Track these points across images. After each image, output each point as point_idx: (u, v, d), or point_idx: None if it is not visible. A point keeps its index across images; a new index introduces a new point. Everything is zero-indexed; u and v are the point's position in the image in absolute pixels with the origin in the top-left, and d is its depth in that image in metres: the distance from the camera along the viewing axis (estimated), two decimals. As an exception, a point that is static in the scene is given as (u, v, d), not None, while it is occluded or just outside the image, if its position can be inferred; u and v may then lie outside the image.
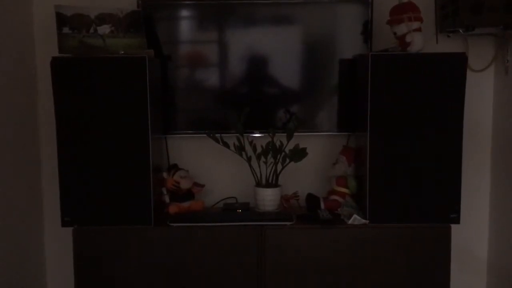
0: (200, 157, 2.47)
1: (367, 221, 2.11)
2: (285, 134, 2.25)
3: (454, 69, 2.04)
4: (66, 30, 2.10)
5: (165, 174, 2.28)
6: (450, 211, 2.10)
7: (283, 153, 2.24)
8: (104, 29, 2.12)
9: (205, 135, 2.27)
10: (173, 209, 2.25)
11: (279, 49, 2.38)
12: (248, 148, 2.26)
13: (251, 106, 2.30)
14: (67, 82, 2.04)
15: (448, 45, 2.33)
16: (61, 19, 2.10)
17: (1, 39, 2.18)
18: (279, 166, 2.27)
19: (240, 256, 2.13)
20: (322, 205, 2.30)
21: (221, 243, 2.13)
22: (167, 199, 2.28)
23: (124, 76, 2.04)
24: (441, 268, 2.13)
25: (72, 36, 2.11)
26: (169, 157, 2.46)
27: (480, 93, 2.44)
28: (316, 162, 2.45)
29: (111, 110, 2.05)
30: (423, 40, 2.09)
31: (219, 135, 2.26)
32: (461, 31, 2.22)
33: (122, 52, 2.12)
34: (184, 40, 2.43)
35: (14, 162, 2.26)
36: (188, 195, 2.30)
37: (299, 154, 2.21)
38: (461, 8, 2.19)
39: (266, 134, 2.29)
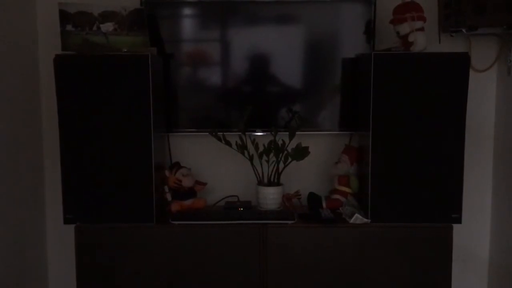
0: (202, 155, 2.47)
1: (369, 221, 2.12)
2: (287, 133, 2.26)
3: (456, 69, 2.04)
4: (69, 27, 2.10)
5: (167, 172, 2.28)
6: (452, 211, 2.10)
7: (285, 152, 2.24)
8: (108, 27, 2.12)
9: (207, 133, 2.28)
10: (175, 207, 2.25)
11: (282, 48, 2.38)
12: (250, 146, 2.27)
13: (253, 104, 2.31)
14: (70, 80, 2.05)
15: (451, 45, 2.33)
16: (65, 17, 2.10)
17: (4, 36, 2.18)
18: (281, 165, 2.27)
19: (242, 255, 2.13)
20: (324, 204, 2.30)
21: (223, 241, 2.13)
22: (169, 197, 2.28)
23: (127, 74, 2.05)
24: (443, 268, 2.13)
25: (75, 34, 2.11)
26: (171, 155, 2.46)
27: (483, 93, 2.44)
28: (318, 161, 2.45)
29: (114, 108, 2.06)
30: (426, 39, 2.09)
31: (221, 133, 2.26)
32: (464, 31, 2.23)
33: (125, 50, 2.13)
34: (187, 38, 2.43)
35: (16, 159, 2.27)
36: (190, 193, 2.30)
37: (301, 153, 2.21)
38: (464, 8, 2.20)
39: (268, 133, 2.30)
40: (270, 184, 2.30)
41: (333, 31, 2.39)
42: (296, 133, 2.25)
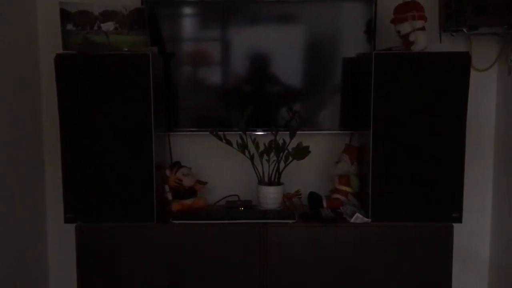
0: (203, 154, 2.47)
1: (369, 220, 2.12)
2: (288, 132, 2.26)
3: (457, 68, 2.04)
4: (70, 26, 2.10)
5: (167, 172, 2.29)
6: (453, 210, 2.10)
7: (285, 151, 2.24)
8: (108, 26, 2.12)
9: (208, 132, 2.28)
10: (175, 206, 2.25)
11: (282, 47, 2.38)
12: (251, 146, 2.27)
13: (254, 104, 2.31)
14: (71, 79, 2.05)
15: (451, 45, 2.33)
16: (65, 16, 2.10)
17: (5, 35, 2.18)
18: (282, 164, 2.27)
19: (242, 254, 2.13)
20: (325, 204, 2.30)
21: (223, 240, 2.13)
22: (169, 196, 2.29)
23: (128, 74, 2.05)
24: (443, 267, 2.13)
25: (76, 33, 2.11)
26: (172, 154, 2.46)
27: (483, 92, 2.45)
28: (319, 160, 2.46)
29: (115, 107, 2.06)
30: (427, 39, 2.09)
31: (222, 133, 2.26)
32: (464, 30, 2.23)
33: (126, 50, 2.13)
34: (188, 37, 2.43)
35: (17, 158, 2.27)
36: (191, 192, 2.30)
37: (302, 152, 2.21)
38: (465, 7, 2.20)
39: (269, 132, 2.30)
40: (270, 183, 2.30)
41: (333, 31, 2.39)
42: (297, 132, 2.25)
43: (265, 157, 2.26)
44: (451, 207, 2.10)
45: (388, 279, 2.14)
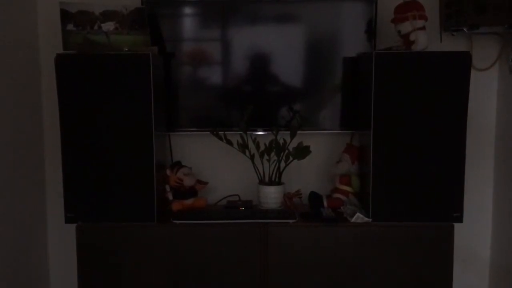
0: (204, 154, 2.47)
1: (370, 220, 2.12)
2: (289, 132, 2.25)
3: (458, 68, 2.04)
4: (70, 27, 2.10)
5: (168, 171, 2.28)
6: (453, 210, 2.10)
7: (286, 151, 2.24)
8: (109, 26, 2.12)
9: (208, 132, 2.27)
10: (176, 206, 2.25)
11: (283, 47, 2.38)
12: (251, 145, 2.27)
13: (254, 103, 2.31)
14: (72, 79, 2.05)
15: (452, 44, 2.33)
16: (66, 16, 2.10)
17: (5, 35, 2.18)
18: (282, 164, 2.27)
19: (243, 254, 2.13)
20: (325, 203, 2.30)
21: (224, 240, 2.13)
22: (170, 196, 2.29)
23: (128, 73, 2.05)
24: (444, 267, 2.13)
25: (76, 33, 2.11)
26: (172, 154, 2.46)
27: (484, 92, 2.44)
28: (319, 160, 2.45)
29: (115, 107, 2.06)
30: (427, 38, 2.09)
31: (222, 132, 2.26)
32: (465, 30, 2.23)
33: (126, 49, 2.13)
34: (188, 37, 2.43)
35: (18, 158, 2.27)
36: (191, 192, 2.30)
37: (302, 152, 2.21)
38: (465, 7, 2.20)
39: (270, 132, 2.30)
40: (271, 183, 2.30)
41: (334, 30, 2.39)
42: (297, 132, 2.25)
43: (266, 157, 2.26)
44: (451, 207, 2.10)
45: (388, 279, 2.14)
